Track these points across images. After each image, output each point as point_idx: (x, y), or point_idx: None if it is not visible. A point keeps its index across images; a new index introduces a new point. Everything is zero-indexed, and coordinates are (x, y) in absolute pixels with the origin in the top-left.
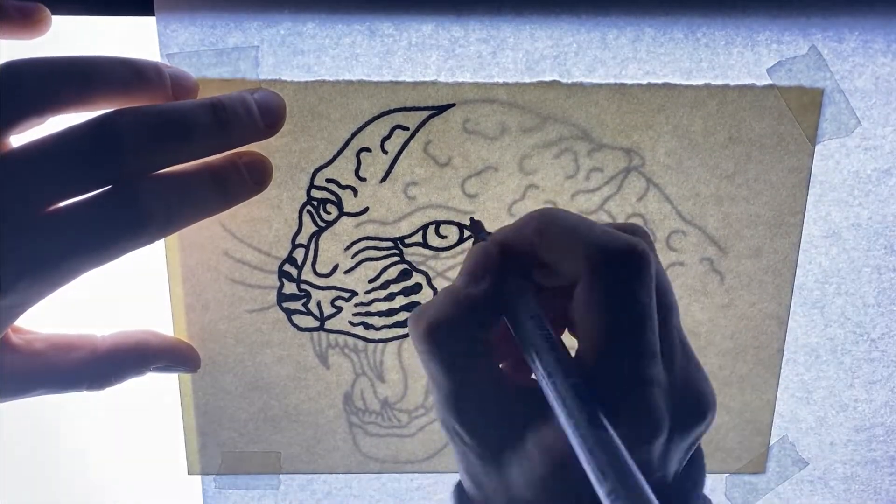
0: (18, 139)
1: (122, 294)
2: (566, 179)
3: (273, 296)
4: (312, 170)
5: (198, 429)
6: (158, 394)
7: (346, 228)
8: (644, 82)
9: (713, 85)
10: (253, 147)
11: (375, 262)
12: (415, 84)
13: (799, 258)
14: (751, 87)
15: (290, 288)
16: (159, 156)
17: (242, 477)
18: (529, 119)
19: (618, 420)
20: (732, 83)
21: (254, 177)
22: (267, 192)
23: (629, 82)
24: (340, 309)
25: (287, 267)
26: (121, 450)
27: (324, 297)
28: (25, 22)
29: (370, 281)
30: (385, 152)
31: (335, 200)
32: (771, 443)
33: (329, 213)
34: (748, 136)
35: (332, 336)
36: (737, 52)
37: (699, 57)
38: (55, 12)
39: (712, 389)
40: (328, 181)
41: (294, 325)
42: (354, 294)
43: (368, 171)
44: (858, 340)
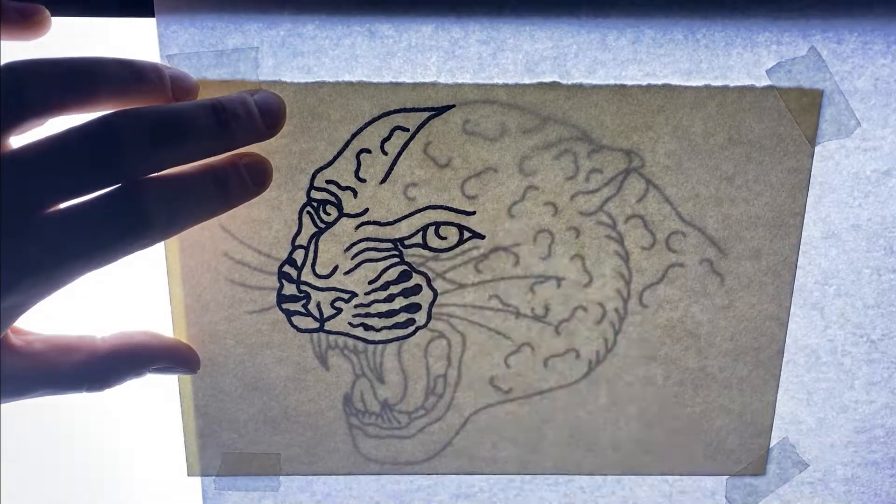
0: (18, 140)
1: (122, 295)
2: (566, 180)
3: (273, 297)
4: (312, 171)
5: (197, 430)
6: (158, 395)
7: (346, 229)
8: (644, 83)
9: (713, 86)
10: (252, 148)
11: (375, 264)
12: (415, 85)
13: (799, 259)
14: (750, 89)
15: (290, 289)
16: (159, 157)
17: (242, 478)
18: (529, 120)
19: None
20: (732, 84)
21: (254, 178)
22: (267, 193)
23: (629, 83)
24: (340, 310)
25: (287, 268)
26: (121, 450)
27: (323, 299)
28: (25, 23)
29: (370, 282)
30: (385, 153)
31: (335, 201)
32: (771, 444)
33: (329, 215)
34: (748, 138)
35: (332, 337)
36: (736, 54)
37: (699, 58)
38: (55, 13)
39: None
40: (328, 182)
41: (294, 327)
42: (354, 295)
43: (368, 173)
44: (858, 342)
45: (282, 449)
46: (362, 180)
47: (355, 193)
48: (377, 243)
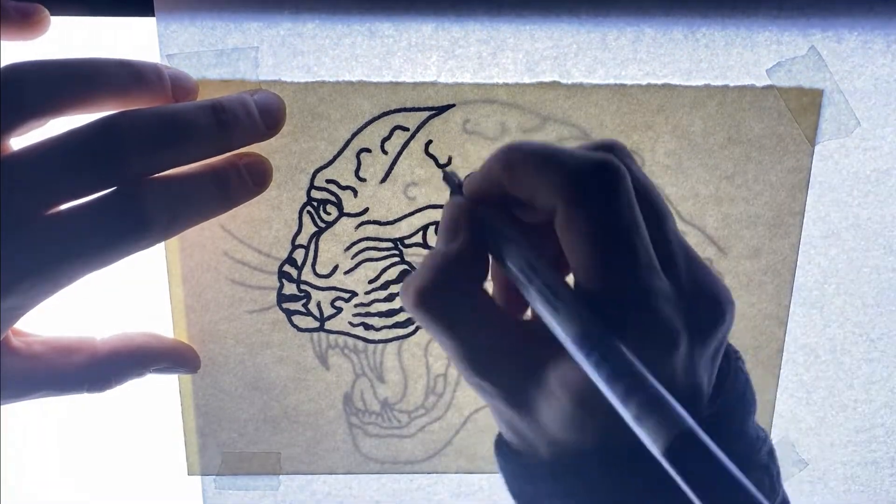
0: (19, 142)
1: (123, 295)
2: None
3: (273, 296)
4: (312, 170)
5: (198, 429)
6: (158, 394)
7: (346, 229)
8: (644, 83)
9: (713, 85)
10: (253, 148)
11: (375, 263)
12: (415, 84)
13: (798, 258)
14: (750, 88)
15: (290, 288)
16: (160, 158)
17: (242, 477)
18: (529, 119)
19: (628, 339)
20: (732, 84)
21: (254, 178)
22: (267, 193)
23: (629, 83)
24: (340, 309)
25: (287, 268)
26: (121, 450)
27: (324, 298)
28: (25, 22)
29: (370, 281)
30: (385, 153)
31: (335, 201)
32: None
33: (329, 214)
34: (747, 137)
35: (332, 337)
36: (736, 53)
37: (699, 57)
38: (55, 13)
39: (725, 287)
40: (328, 182)
41: (294, 326)
42: (354, 295)
43: (368, 172)
44: (858, 341)
45: (282, 448)
46: (362, 180)
47: (355, 193)
48: (377, 243)
